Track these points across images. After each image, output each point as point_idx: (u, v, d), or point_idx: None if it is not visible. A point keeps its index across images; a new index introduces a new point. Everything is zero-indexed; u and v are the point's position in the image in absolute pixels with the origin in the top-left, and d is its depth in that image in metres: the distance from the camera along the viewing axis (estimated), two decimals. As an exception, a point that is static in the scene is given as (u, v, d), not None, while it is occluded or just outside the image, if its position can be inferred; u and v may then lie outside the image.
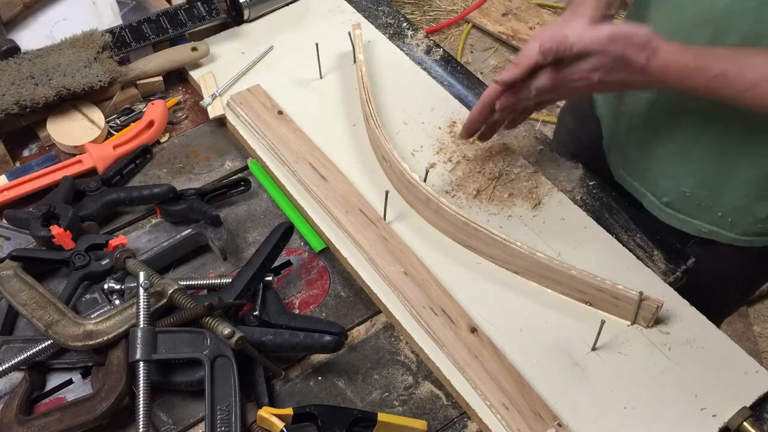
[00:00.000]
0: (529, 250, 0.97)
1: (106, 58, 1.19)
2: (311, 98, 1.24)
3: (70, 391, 0.93)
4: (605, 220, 1.08)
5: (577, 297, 0.98)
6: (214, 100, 1.22)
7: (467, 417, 0.91)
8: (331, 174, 1.11)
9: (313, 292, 1.03)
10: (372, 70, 1.27)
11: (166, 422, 0.90)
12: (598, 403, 0.89)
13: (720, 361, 0.92)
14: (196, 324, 0.89)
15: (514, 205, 1.09)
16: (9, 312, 0.97)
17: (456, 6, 3.21)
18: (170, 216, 1.08)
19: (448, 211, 1.02)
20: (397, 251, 1.02)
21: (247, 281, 0.93)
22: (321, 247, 1.07)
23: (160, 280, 0.92)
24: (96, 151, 1.13)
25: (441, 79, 1.28)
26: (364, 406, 0.92)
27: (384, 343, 0.98)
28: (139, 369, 0.85)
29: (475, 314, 0.96)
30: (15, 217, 1.05)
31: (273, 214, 1.11)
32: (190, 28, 1.29)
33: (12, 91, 1.12)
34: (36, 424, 0.85)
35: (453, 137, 1.17)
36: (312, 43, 1.25)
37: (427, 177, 1.09)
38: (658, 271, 1.02)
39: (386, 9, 1.41)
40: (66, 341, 0.88)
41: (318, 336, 0.89)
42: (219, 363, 0.87)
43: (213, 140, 1.21)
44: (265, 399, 0.90)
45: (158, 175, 1.16)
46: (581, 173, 1.15)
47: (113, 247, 0.99)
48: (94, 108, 1.19)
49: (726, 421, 0.87)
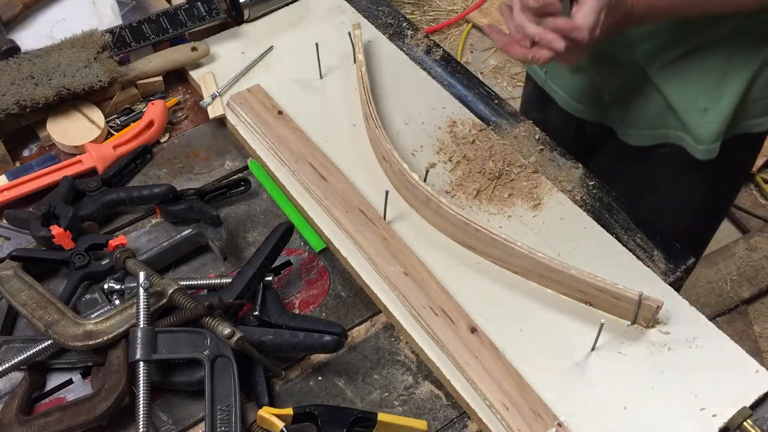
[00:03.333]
0: (529, 250, 0.97)
1: (106, 58, 1.19)
2: (311, 98, 1.24)
3: (70, 391, 0.93)
4: (605, 220, 1.08)
5: (577, 297, 0.98)
6: (214, 100, 1.22)
7: (467, 417, 0.91)
8: (331, 174, 1.11)
9: (313, 292, 1.03)
10: (372, 70, 1.27)
11: (166, 422, 0.90)
12: (598, 403, 0.89)
13: (720, 361, 0.92)
14: (196, 324, 0.89)
15: (514, 205, 1.09)
16: (9, 312, 0.97)
17: (456, 6, 3.21)
18: (170, 216, 1.08)
19: (448, 211, 1.02)
20: (397, 251, 1.02)
21: (247, 281, 0.93)
22: (321, 247, 1.07)
23: (160, 280, 0.92)
24: (96, 151, 1.13)
25: (441, 79, 1.28)
26: (364, 406, 0.92)
27: (384, 343, 0.98)
28: (139, 369, 0.85)
29: (475, 314, 0.96)
30: (15, 217, 1.06)
31: (273, 214, 1.12)
32: (190, 28, 1.29)
33: (12, 91, 1.12)
34: (36, 424, 0.85)
35: (453, 137, 1.17)
36: (312, 43, 1.25)
37: (427, 177, 1.09)
38: (658, 271, 1.02)
39: (386, 9, 1.41)
40: (66, 341, 0.88)
41: (318, 336, 0.89)
42: (219, 363, 0.87)
43: (213, 140, 1.21)
44: (265, 399, 0.90)
45: (158, 175, 1.16)
46: (581, 173, 1.15)
47: (113, 247, 0.99)
48: (94, 108, 1.19)
49: (726, 421, 0.87)
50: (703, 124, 1.17)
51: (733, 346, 0.94)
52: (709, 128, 1.16)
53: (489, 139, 1.17)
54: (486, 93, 1.26)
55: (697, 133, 1.18)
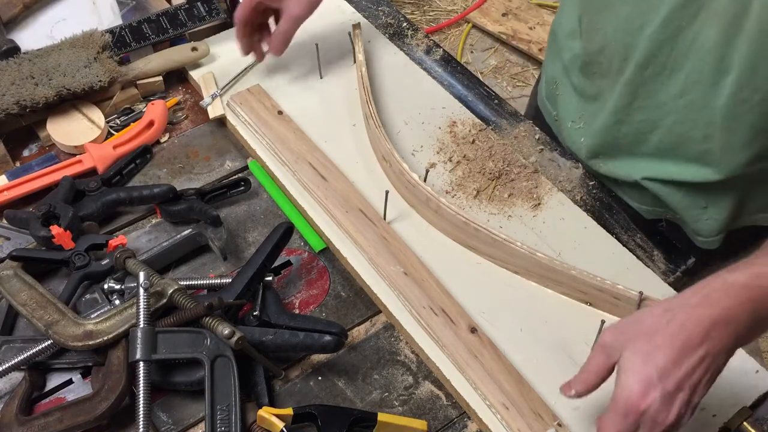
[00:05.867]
0: (529, 250, 0.97)
1: (106, 58, 1.19)
2: (311, 98, 1.24)
3: (70, 391, 0.93)
4: (605, 220, 1.08)
5: (577, 297, 0.98)
6: (214, 100, 1.22)
7: (467, 417, 0.91)
8: (331, 174, 1.11)
9: (313, 292, 1.03)
10: (372, 70, 1.27)
11: (166, 422, 0.90)
12: (598, 403, 0.89)
13: (720, 361, 0.92)
14: (196, 324, 0.89)
15: (514, 205, 1.09)
16: (9, 312, 0.97)
17: (456, 6, 3.21)
18: (170, 216, 1.08)
19: (448, 211, 1.02)
20: (397, 251, 1.02)
21: (247, 281, 0.93)
22: (321, 247, 1.07)
23: (160, 280, 0.92)
24: (96, 151, 1.13)
25: (441, 79, 1.28)
26: (364, 406, 0.92)
27: (384, 343, 0.98)
28: (139, 369, 0.85)
29: (475, 314, 0.96)
30: (15, 217, 1.05)
31: (273, 214, 1.12)
32: (190, 28, 1.29)
33: (12, 91, 1.12)
34: (36, 424, 0.85)
35: (453, 137, 1.17)
36: (312, 43, 1.25)
37: (427, 177, 1.09)
38: (658, 271, 1.02)
39: (386, 9, 1.41)
40: (66, 341, 0.88)
41: (318, 336, 0.89)
42: (219, 363, 0.87)
43: (213, 140, 1.21)
44: (265, 399, 0.90)
45: (158, 175, 1.16)
46: (581, 173, 1.15)
47: (113, 247, 0.99)
48: (94, 108, 1.19)
49: (726, 421, 0.87)
50: (702, 221, 1.09)
51: (733, 346, 0.94)
52: (709, 224, 1.09)
53: (489, 139, 1.17)
54: (486, 93, 1.26)
55: (696, 227, 1.11)
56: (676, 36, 0.91)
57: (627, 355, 0.72)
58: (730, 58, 0.88)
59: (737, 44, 0.86)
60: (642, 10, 0.93)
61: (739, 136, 0.94)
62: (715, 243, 1.11)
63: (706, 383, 0.72)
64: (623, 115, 1.04)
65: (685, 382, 0.70)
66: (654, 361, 0.70)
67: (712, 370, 0.72)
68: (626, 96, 1.02)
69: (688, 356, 0.70)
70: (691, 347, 0.70)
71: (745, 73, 0.87)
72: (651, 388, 0.70)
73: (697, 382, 0.71)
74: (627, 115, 1.04)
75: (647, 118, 1.02)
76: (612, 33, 0.99)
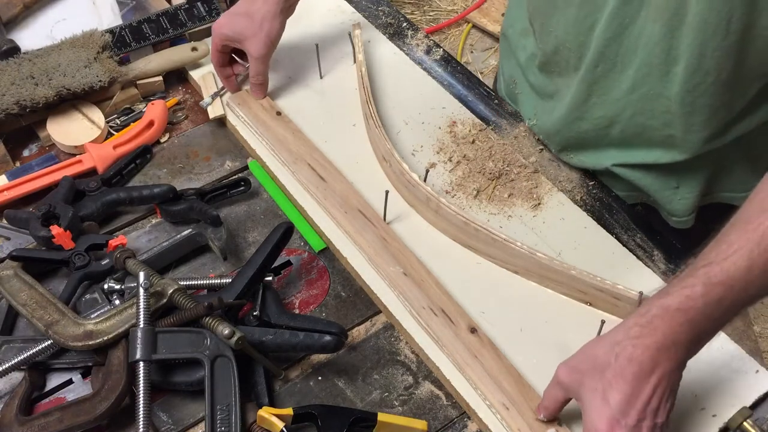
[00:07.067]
0: (529, 250, 0.97)
1: (106, 58, 1.19)
2: (311, 98, 1.24)
3: (70, 391, 0.93)
4: (605, 220, 1.08)
5: (577, 297, 0.98)
6: (214, 100, 1.22)
7: (467, 417, 0.91)
8: (330, 174, 1.11)
9: (313, 292, 1.03)
10: (372, 70, 1.27)
11: (166, 422, 0.90)
12: (598, 403, 0.89)
13: (720, 360, 0.92)
14: (196, 324, 0.89)
15: (514, 205, 1.09)
16: (9, 312, 0.97)
17: (456, 6, 3.21)
18: (170, 216, 1.08)
19: (448, 211, 1.02)
20: (396, 251, 1.02)
21: (247, 281, 0.93)
22: (321, 247, 1.07)
23: (160, 280, 0.92)
24: (96, 151, 1.13)
25: (441, 79, 1.28)
26: (364, 406, 0.92)
27: (384, 343, 0.98)
28: (139, 369, 0.85)
29: (475, 314, 0.96)
30: (15, 217, 1.05)
31: (273, 214, 1.11)
32: (190, 28, 1.29)
33: (12, 91, 1.12)
34: (36, 424, 0.85)
35: (453, 137, 1.17)
36: (312, 43, 1.25)
37: (427, 177, 1.09)
38: (658, 271, 1.02)
39: (386, 9, 1.41)
40: (66, 341, 0.88)
41: (318, 336, 0.89)
42: (219, 363, 0.87)
43: (213, 140, 1.21)
44: (265, 399, 0.90)
45: (158, 175, 1.16)
46: (581, 173, 1.15)
47: (113, 247, 0.99)
48: (94, 108, 1.19)
49: (726, 421, 0.87)
50: (675, 201, 1.13)
51: (733, 346, 0.94)
52: (683, 203, 1.12)
53: (489, 139, 1.17)
54: (486, 93, 1.26)
55: (670, 208, 1.14)
56: (621, 33, 0.94)
57: (586, 396, 0.77)
58: (677, 49, 0.91)
59: (682, 35, 0.89)
60: (588, 11, 0.96)
61: (698, 118, 0.97)
62: (689, 222, 1.15)
63: (665, 404, 0.76)
64: (581, 112, 1.07)
65: (646, 411, 0.74)
66: (612, 398, 0.74)
67: (668, 390, 0.76)
68: (582, 93, 1.05)
69: (642, 386, 0.74)
70: (642, 377, 0.74)
71: (693, 61, 0.90)
72: (616, 425, 0.74)
73: (657, 407, 0.75)
74: (585, 111, 1.07)
75: (604, 114, 1.05)
76: (563, 35, 1.02)
